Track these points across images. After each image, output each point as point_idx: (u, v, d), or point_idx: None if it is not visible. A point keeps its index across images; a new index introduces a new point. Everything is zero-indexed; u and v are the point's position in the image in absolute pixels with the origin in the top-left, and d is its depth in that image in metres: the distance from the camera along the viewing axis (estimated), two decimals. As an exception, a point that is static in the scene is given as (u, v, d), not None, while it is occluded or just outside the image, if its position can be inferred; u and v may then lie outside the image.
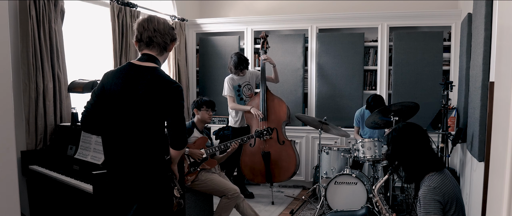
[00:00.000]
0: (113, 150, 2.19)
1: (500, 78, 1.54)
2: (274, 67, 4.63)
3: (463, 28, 4.10)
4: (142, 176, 2.16)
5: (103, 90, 2.15)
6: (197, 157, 3.40)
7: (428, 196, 2.11)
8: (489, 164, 1.91)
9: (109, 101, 2.14)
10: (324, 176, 4.05)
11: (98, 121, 2.17)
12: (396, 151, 2.32)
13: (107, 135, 2.20)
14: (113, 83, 2.14)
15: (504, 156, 1.26)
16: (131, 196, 2.21)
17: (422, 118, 4.51)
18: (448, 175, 2.23)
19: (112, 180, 2.24)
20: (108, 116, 2.15)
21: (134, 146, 2.14)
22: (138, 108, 2.10)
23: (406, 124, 2.38)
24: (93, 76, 3.65)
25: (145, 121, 2.11)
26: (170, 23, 2.27)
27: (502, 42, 1.53)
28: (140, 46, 2.19)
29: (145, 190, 2.17)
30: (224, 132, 4.88)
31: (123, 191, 2.22)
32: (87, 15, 4.05)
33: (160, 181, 2.20)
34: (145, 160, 2.15)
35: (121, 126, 2.13)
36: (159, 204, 2.20)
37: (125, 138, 2.14)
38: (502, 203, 1.25)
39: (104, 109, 2.15)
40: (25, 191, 3.31)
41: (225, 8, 5.70)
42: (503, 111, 1.36)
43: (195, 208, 3.51)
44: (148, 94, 2.08)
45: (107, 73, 2.22)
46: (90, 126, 2.19)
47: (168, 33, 2.17)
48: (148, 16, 2.18)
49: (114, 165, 2.21)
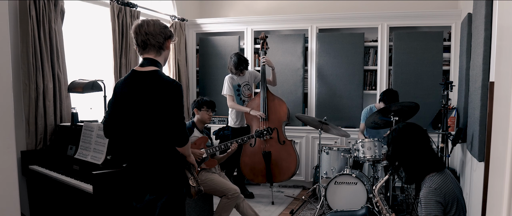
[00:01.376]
0: (132, 150, 2.33)
1: (500, 78, 1.54)
2: (273, 70, 4.64)
3: (463, 28, 4.10)
4: (158, 169, 2.29)
5: (116, 99, 2.32)
6: (197, 157, 3.40)
7: (429, 197, 2.11)
8: (489, 164, 1.91)
9: (122, 108, 2.29)
10: (324, 176, 4.05)
11: (117, 128, 2.34)
12: (396, 151, 2.31)
13: (126, 138, 2.34)
14: (122, 92, 2.28)
15: (504, 156, 1.26)
16: (147, 188, 2.33)
17: (422, 118, 4.51)
18: (449, 175, 2.23)
19: (130, 174, 2.38)
20: (124, 122, 2.30)
21: (149, 144, 2.27)
22: (145, 111, 2.22)
23: (406, 125, 2.38)
24: (93, 76, 3.65)
25: (154, 121, 2.23)
26: (169, 22, 2.31)
27: (502, 42, 1.53)
28: (139, 50, 2.30)
29: (161, 181, 2.29)
30: (224, 132, 4.88)
31: (140, 184, 2.34)
32: (87, 15, 4.05)
33: (174, 173, 2.33)
34: (160, 156, 2.28)
35: (136, 128, 2.27)
36: (173, 193, 2.32)
37: (141, 138, 2.27)
38: (502, 203, 1.25)
39: (119, 116, 2.31)
40: (25, 191, 3.31)
41: (225, 8, 5.70)
42: (503, 111, 1.36)
43: (195, 208, 3.51)
44: (150, 97, 2.20)
45: (117, 83, 2.37)
46: (111, 133, 2.38)
47: (160, 33, 2.25)
48: (140, 21, 2.27)
49: (134, 162, 2.35)
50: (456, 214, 2.13)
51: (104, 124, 2.37)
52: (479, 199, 2.72)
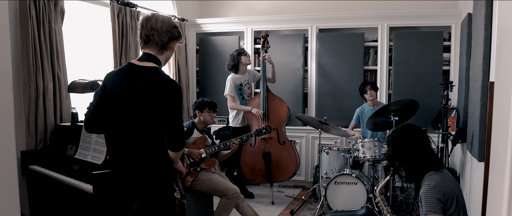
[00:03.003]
0: (116, 149, 2.20)
1: (500, 78, 1.54)
2: (273, 67, 4.64)
3: (463, 28, 4.10)
4: (145, 175, 2.16)
5: (105, 91, 2.16)
6: (196, 157, 3.40)
7: (429, 194, 2.16)
8: (489, 164, 1.91)
9: (110, 102, 2.14)
10: (324, 176, 4.05)
11: (101, 122, 2.17)
12: (396, 152, 2.36)
13: (110, 135, 2.21)
14: (114, 84, 2.13)
15: (504, 156, 1.26)
16: (134, 195, 2.22)
17: (422, 118, 4.51)
18: (447, 174, 2.27)
19: (116, 179, 2.25)
20: (110, 117, 2.15)
21: (136, 145, 2.14)
22: (138, 108, 2.09)
23: (405, 126, 2.43)
24: (93, 76, 3.65)
25: (146, 121, 2.11)
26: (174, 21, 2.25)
27: (502, 42, 1.53)
28: (140, 43, 2.18)
29: (147, 189, 2.17)
30: (224, 132, 4.88)
31: (126, 190, 2.22)
32: (87, 15, 4.04)
33: (162, 180, 2.20)
34: (147, 159, 2.15)
35: (123, 126, 2.14)
36: (161, 203, 2.21)
37: (127, 138, 2.14)
38: (502, 203, 1.25)
39: (106, 109, 2.15)
40: (25, 191, 3.31)
41: (225, 8, 5.70)
42: (503, 111, 1.36)
43: (195, 208, 3.51)
44: (146, 94, 2.07)
45: (108, 73, 2.22)
46: (93, 126, 2.19)
47: (166, 31, 2.13)
48: (150, 14, 2.16)
49: (117, 164, 2.21)
50: (455, 211, 2.17)
51: (87, 116, 2.15)
52: (479, 199, 2.72)
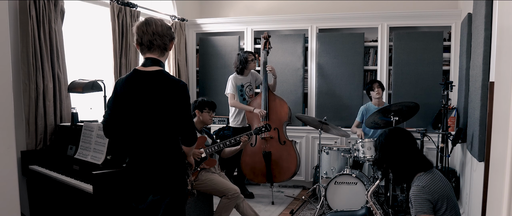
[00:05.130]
0: (136, 149, 2.30)
1: (500, 78, 1.54)
2: (275, 79, 4.65)
3: (463, 28, 4.10)
4: (163, 170, 2.28)
5: (116, 98, 2.28)
6: (196, 156, 3.40)
7: (418, 195, 2.18)
8: (489, 164, 1.91)
9: (123, 108, 2.26)
10: (324, 176, 4.05)
11: (118, 127, 2.30)
12: (385, 155, 2.38)
13: (129, 139, 2.32)
14: (124, 92, 2.24)
15: (504, 156, 1.26)
16: (150, 188, 2.31)
17: (422, 118, 4.51)
18: (437, 174, 2.29)
19: (132, 174, 2.35)
20: (127, 121, 2.27)
21: (153, 144, 2.25)
22: (152, 111, 2.21)
23: (392, 129, 2.45)
24: (93, 76, 3.65)
25: (160, 121, 2.22)
26: (169, 22, 2.30)
27: (502, 42, 1.53)
28: (142, 49, 2.26)
29: (165, 181, 2.28)
30: (224, 132, 4.88)
31: (143, 184, 2.32)
32: (87, 15, 4.05)
33: (178, 173, 2.32)
34: (165, 156, 2.27)
35: (140, 128, 2.25)
36: (177, 193, 2.33)
37: (145, 138, 2.25)
38: (502, 203, 1.25)
39: (121, 115, 2.27)
40: (25, 191, 3.31)
41: (225, 8, 5.70)
42: (503, 111, 1.36)
43: (195, 208, 3.51)
44: (158, 97, 2.19)
45: (117, 81, 2.32)
46: (111, 133, 2.34)
47: (166, 34, 2.24)
48: (146, 19, 2.24)
49: (137, 162, 2.31)
50: (447, 211, 2.18)
51: (104, 124, 2.32)
52: (479, 199, 2.72)
